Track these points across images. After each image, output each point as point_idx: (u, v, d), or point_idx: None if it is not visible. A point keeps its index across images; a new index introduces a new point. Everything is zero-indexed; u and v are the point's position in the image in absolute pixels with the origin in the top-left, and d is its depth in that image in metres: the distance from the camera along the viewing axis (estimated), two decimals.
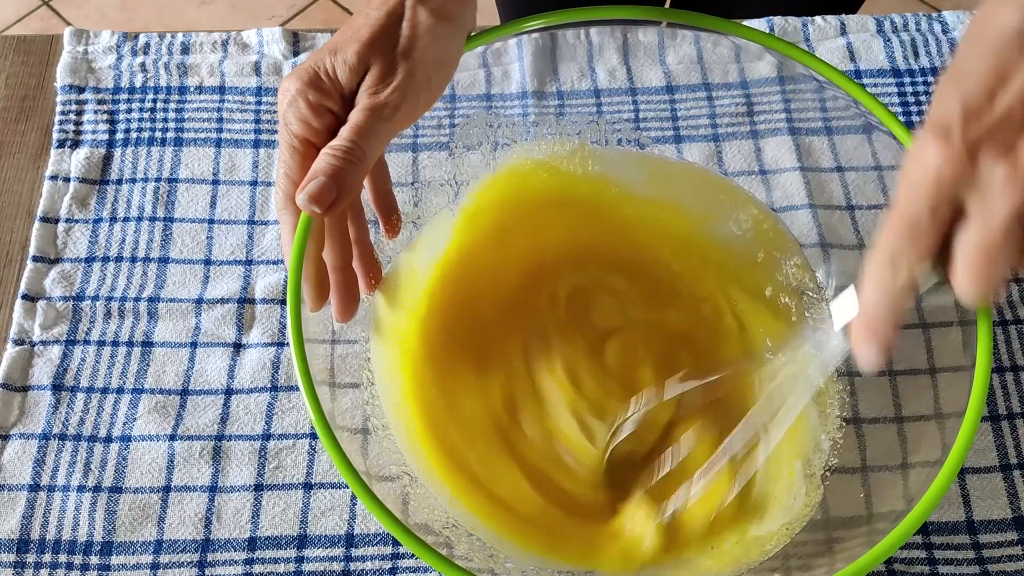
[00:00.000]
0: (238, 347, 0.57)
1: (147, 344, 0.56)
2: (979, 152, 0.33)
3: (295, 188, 0.43)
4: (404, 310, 0.52)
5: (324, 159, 0.42)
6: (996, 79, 0.34)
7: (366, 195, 0.52)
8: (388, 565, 0.50)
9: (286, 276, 0.56)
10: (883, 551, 0.39)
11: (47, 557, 0.50)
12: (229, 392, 0.55)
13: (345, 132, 0.43)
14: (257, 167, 0.63)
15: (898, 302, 0.37)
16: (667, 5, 0.82)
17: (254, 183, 0.62)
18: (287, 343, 0.56)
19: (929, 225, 0.35)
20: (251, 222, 0.61)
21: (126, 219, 0.61)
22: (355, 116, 0.43)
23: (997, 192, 0.33)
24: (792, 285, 0.55)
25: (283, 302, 0.58)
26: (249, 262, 0.59)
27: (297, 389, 0.55)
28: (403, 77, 0.43)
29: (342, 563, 0.50)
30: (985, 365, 0.42)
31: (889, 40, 0.67)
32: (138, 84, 0.66)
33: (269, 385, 0.55)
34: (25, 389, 0.55)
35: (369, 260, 0.51)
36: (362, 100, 0.43)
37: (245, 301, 0.58)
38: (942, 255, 0.36)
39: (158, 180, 0.62)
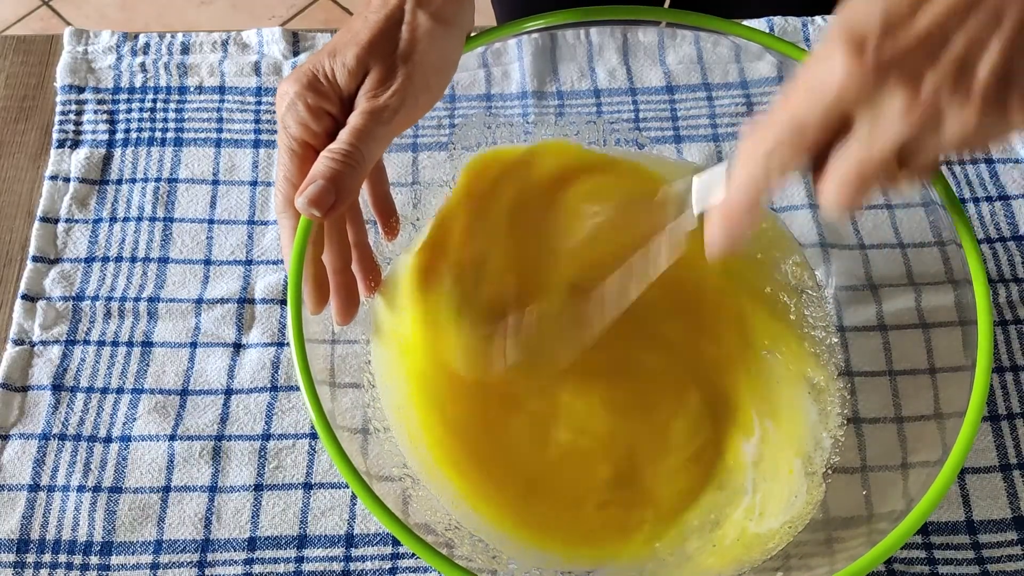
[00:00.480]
0: (238, 347, 0.57)
1: (147, 344, 0.57)
2: (887, 75, 0.33)
3: (294, 191, 0.43)
4: (404, 312, 0.52)
5: (323, 162, 0.42)
6: None
7: (365, 197, 0.52)
8: (388, 565, 0.50)
9: (286, 277, 0.56)
10: (883, 551, 0.39)
11: (47, 557, 0.50)
12: (229, 392, 0.55)
13: (344, 135, 0.43)
14: (257, 167, 0.63)
15: (761, 196, 0.37)
16: (666, 5, 0.82)
17: (254, 183, 0.62)
18: (287, 343, 0.57)
19: (815, 131, 0.35)
20: (251, 222, 0.61)
21: (126, 219, 0.61)
22: (354, 119, 0.43)
23: (889, 119, 0.33)
24: (791, 284, 0.55)
25: (283, 302, 0.58)
26: (249, 262, 0.59)
27: (297, 389, 0.55)
28: (402, 80, 0.43)
29: (342, 563, 0.50)
30: (985, 365, 0.42)
31: None
32: (138, 84, 0.66)
33: (269, 385, 0.55)
34: (25, 389, 0.55)
35: (368, 262, 0.51)
36: (361, 103, 0.43)
37: (245, 301, 0.58)
38: (816, 160, 0.36)
39: (158, 180, 0.62)
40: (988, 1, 0.32)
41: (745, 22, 0.59)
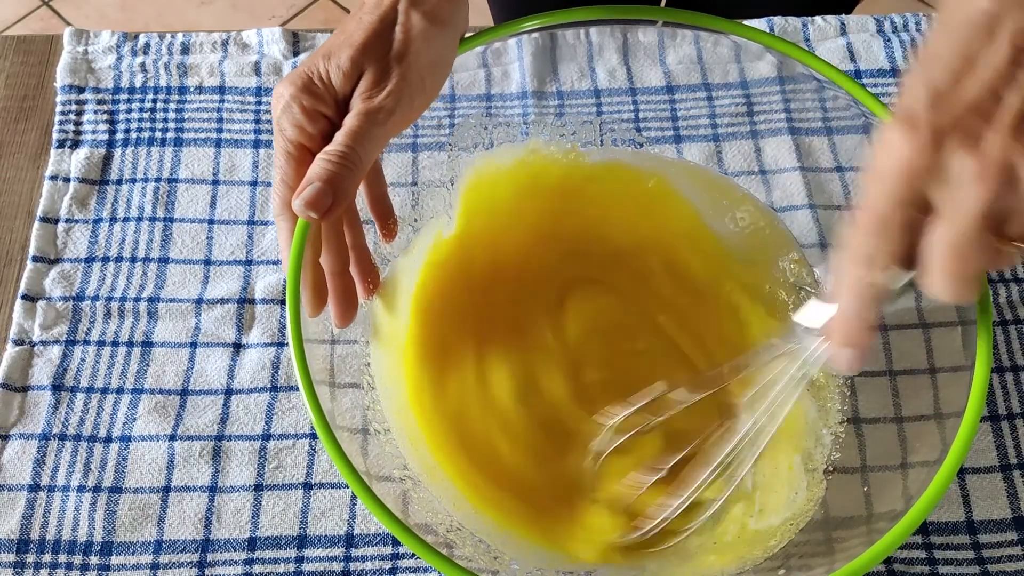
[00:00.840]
0: (238, 347, 0.57)
1: (147, 344, 0.56)
2: (945, 141, 0.32)
3: (291, 194, 0.43)
4: (402, 314, 0.52)
5: (319, 164, 0.42)
6: (963, 63, 0.32)
7: (362, 199, 0.52)
8: (388, 565, 0.50)
9: (285, 278, 0.56)
10: (882, 550, 0.39)
11: (47, 557, 0.50)
12: (229, 392, 0.55)
13: (340, 137, 0.43)
14: (257, 167, 0.63)
15: (871, 303, 0.36)
16: (663, 4, 0.82)
17: (254, 183, 0.62)
18: (287, 343, 0.56)
19: (899, 220, 0.34)
20: (251, 222, 0.61)
21: (126, 219, 0.61)
22: (350, 121, 0.43)
23: (965, 187, 0.32)
24: (790, 281, 0.55)
25: (283, 302, 0.58)
26: (249, 262, 0.59)
27: (297, 389, 0.55)
28: (397, 81, 0.43)
29: (342, 563, 0.50)
30: (985, 365, 0.42)
31: (889, 40, 0.67)
32: (138, 84, 0.66)
33: (269, 385, 0.55)
34: (25, 389, 0.55)
35: (366, 265, 0.51)
36: (356, 105, 0.43)
37: (245, 301, 0.58)
38: (914, 254, 0.34)
39: (158, 180, 0.62)
40: None
41: (745, 22, 0.59)
